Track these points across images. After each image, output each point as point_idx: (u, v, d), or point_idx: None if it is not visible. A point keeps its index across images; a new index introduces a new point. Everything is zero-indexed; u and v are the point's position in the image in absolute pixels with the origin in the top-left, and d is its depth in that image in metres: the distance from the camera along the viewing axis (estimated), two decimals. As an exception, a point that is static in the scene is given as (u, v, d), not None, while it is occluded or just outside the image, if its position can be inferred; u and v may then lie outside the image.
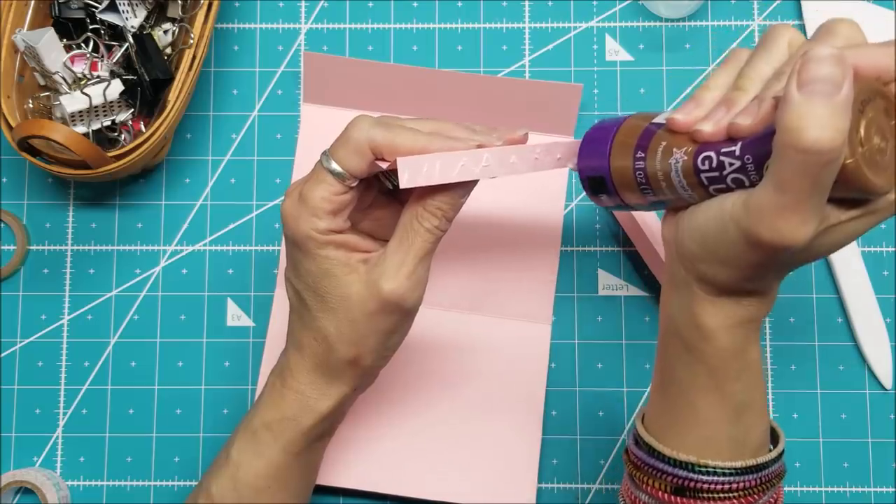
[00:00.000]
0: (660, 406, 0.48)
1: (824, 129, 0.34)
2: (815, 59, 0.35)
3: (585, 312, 0.65)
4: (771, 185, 0.37)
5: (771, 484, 0.46)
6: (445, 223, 0.49)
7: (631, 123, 0.46)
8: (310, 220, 0.48)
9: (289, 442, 0.52)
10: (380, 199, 0.52)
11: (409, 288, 0.48)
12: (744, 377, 0.45)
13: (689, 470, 0.45)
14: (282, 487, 0.53)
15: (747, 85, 0.42)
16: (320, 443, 0.55)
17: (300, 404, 0.52)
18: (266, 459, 0.52)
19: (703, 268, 0.43)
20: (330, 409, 0.52)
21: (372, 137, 0.47)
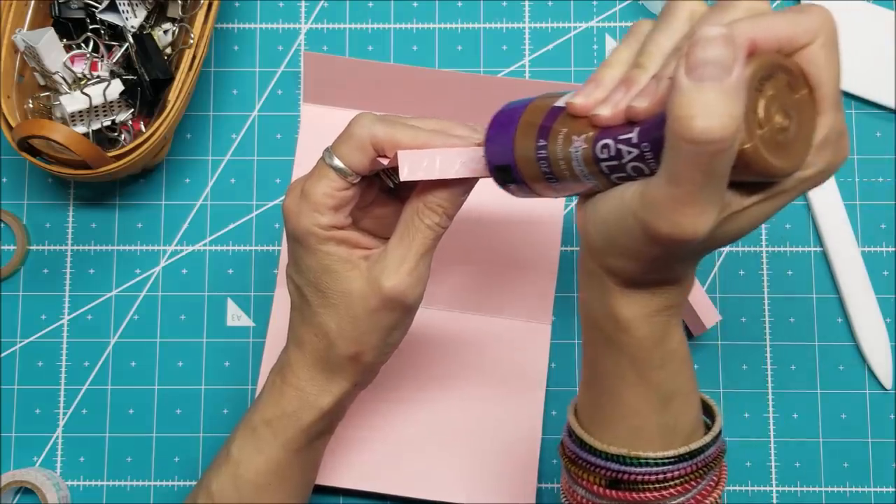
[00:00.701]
0: (588, 399, 0.46)
1: (714, 116, 0.32)
2: (702, 41, 0.33)
3: (585, 312, 0.65)
4: (664, 176, 0.35)
5: (708, 468, 0.45)
6: (446, 220, 0.49)
7: (535, 106, 0.42)
8: (311, 216, 0.48)
9: (289, 439, 0.52)
10: (381, 197, 0.52)
11: (410, 284, 0.48)
12: (667, 365, 0.43)
13: (622, 463, 0.44)
14: (282, 485, 0.53)
15: (647, 62, 0.38)
16: (320, 440, 0.54)
17: (300, 401, 0.52)
18: (266, 456, 0.52)
19: (610, 261, 0.41)
20: (330, 406, 0.52)
21: (374, 134, 0.47)
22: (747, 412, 0.64)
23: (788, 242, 0.66)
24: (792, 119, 0.36)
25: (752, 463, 0.64)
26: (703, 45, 0.33)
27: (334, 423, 0.55)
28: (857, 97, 0.67)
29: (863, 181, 0.66)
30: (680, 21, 0.38)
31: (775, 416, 0.64)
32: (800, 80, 0.36)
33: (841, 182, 0.66)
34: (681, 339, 0.44)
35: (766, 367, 0.64)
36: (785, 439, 0.64)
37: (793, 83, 0.36)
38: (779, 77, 0.35)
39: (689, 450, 0.44)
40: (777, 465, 0.64)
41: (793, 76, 0.36)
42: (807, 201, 0.66)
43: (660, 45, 0.38)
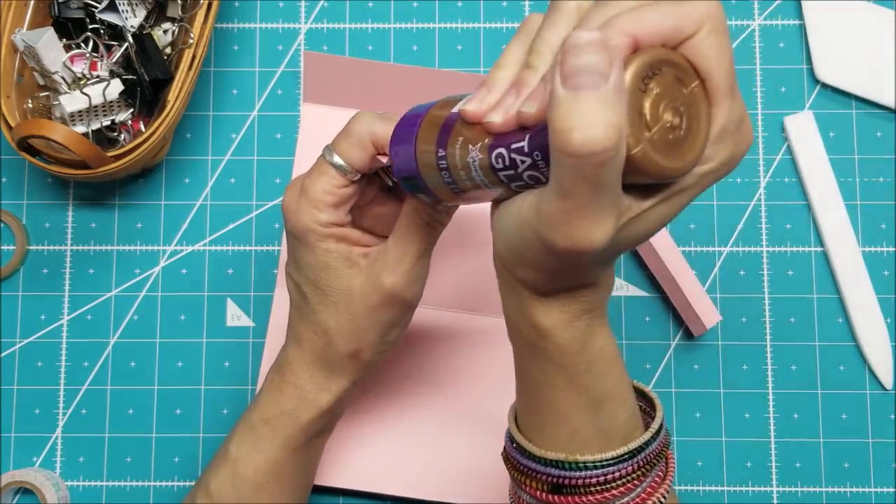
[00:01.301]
0: (524, 405, 0.45)
1: (594, 127, 0.30)
2: (574, 48, 0.31)
3: (585, 312, 0.65)
4: (554, 190, 0.33)
5: (651, 464, 0.44)
6: (446, 218, 0.49)
7: (433, 115, 0.40)
8: (311, 213, 0.48)
9: (288, 437, 0.52)
10: (380, 195, 0.52)
11: (409, 281, 0.49)
12: (594, 369, 0.42)
13: (561, 468, 0.43)
14: (281, 483, 0.53)
15: (536, 61, 0.36)
16: (319, 439, 0.54)
17: (299, 399, 0.52)
18: (265, 455, 0.52)
19: (518, 271, 0.39)
20: (329, 404, 0.52)
21: (374, 131, 0.47)
22: (747, 412, 0.64)
23: (788, 242, 0.66)
24: (683, 115, 0.34)
25: (753, 463, 0.64)
26: (576, 51, 0.31)
27: (333, 421, 0.55)
28: (857, 97, 0.67)
29: (863, 181, 0.66)
30: (567, 15, 0.36)
31: (776, 416, 0.64)
32: (689, 72, 0.34)
33: (841, 182, 0.66)
34: (606, 341, 0.42)
35: (766, 367, 0.64)
36: (785, 439, 0.64)
37: (682, 77, 0.34)
38: (665, 72, 0.33)
39: (627, 450, 0.43)
40: (777, 466, 0.64)
41: (681, 69, 0.34)
42: (807, 201, 0.66)
43: (548, 41, 0.36)
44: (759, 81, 0.67)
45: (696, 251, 0.66)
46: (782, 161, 0.66)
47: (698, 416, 0.64)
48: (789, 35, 0.67)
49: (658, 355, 0.65)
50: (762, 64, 0.67)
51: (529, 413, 0.45)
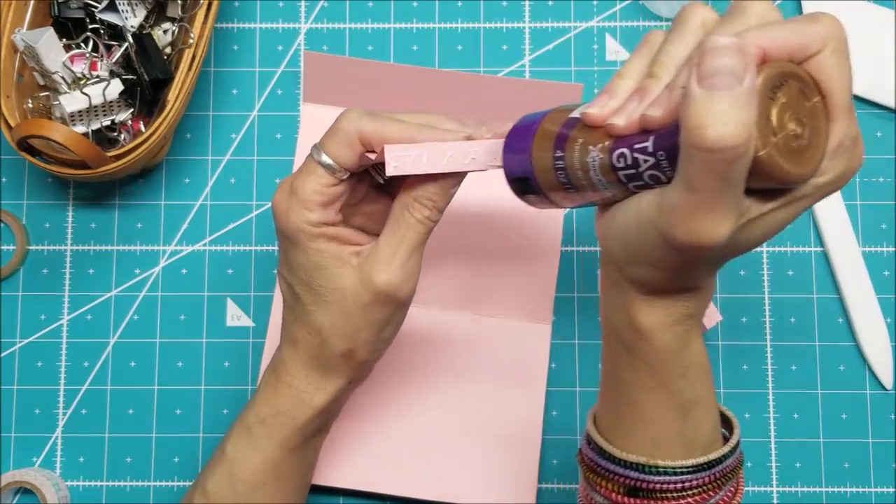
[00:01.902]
0: (608, 406, 0.47)
1: (727, 125, 0.33)
2: (712, 51, 0.33)
3: (585, 312, 0.65)
4: (681, 184, 0.35)
5: (726, 479, 0.45)
6: (436, 213, 0.49)
7: (550, 119, 0.43)
8: (301, 213, 0.48)
9: (284, 437, 0.52)
10: (371, 193, 0.53)
11: (402, 279, 0.48)
12: (688, 374, 0.43)
13: (641, 471, 0.44)
14: (278, 483, 0.53)
15: (660, 72, 0.39)
16: (316, 439, 0.54)
17: (295, 399, 0.52)
18: (262, 455, 0.52)
19: (631, 269, 0.41)
20: (325, 404, 0.52)
21: (361, 129, 0.47)
22: (747, 412, 0.64)
23: (788, 242, 0.66)
24: (805, 126, 0.36)
25: (753, 463, 0.64)
26: (714, 54, 0.33)
27: (329, 421, 0.55)
28: (857, 97, 0.67)
29: (863, 181, 0.66)
30: (692, 31, 0.39)
31: (776, 416, 0.64)
32: (811, 87, 0.37)
33: (841, 182, 0.66)
34: (700, 349, 0.44)
35: (766, 367, 0.64)
36: (785, 439, 0.64)
37: (805, 91, 0.36)
38: (791, 85, 0.36)
39: (707, 459, 0.44)
40: (777, 466, 0.64)
41: (804, 84, 0.36)
42: (807, 201, 0.66)
43: (672, 55, 0.39)
44: (759, 81, 0.67)
45: (696, 251, 0.65)
46: (782, 161, 0.66)
47: (698, 416, 0.64)
48: (789, 35, 0.67)
49: (658, 355, 0.65)
50: (762, 64, 0.67)
51: (613, 415, 0.46)
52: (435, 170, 0.47)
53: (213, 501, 0.52)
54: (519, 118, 0.46)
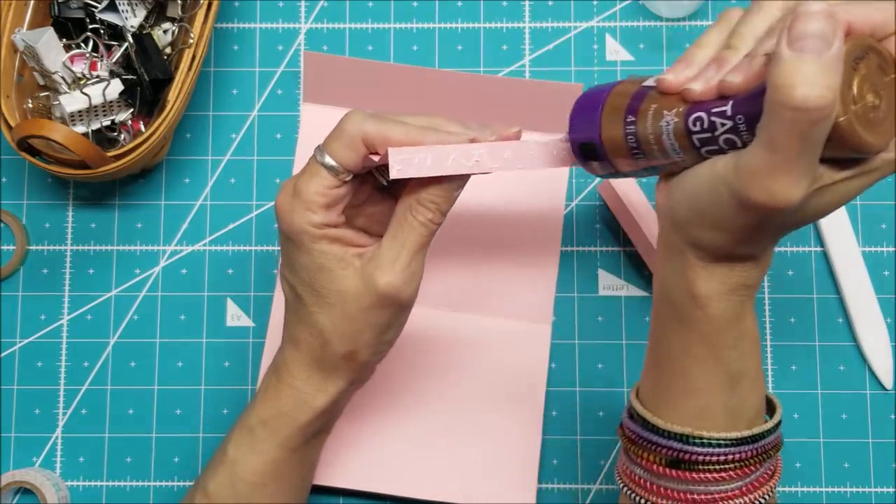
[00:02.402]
0: (654, 378, 0.48)
1: (814, 85, 0.34)
2: (804, 15, 0.35)
3: (585, 312, 0.65)
4: (761, 144, 0.37)
5: (767, 455, 0.46)
6: (440, 216, 0.49)
7: (621, 87, 0.45)
8: (304, 214, 0.48)
9: (285, 438, 0.52)
10: (374, 195, 0.53)
11: (404, 281, 0.48)
12: (739, 345, 0.44)
13: (684, 442, 0.45)
14: (279, 484, 0.53)
15: (739, 43, 0.41)
16: (317, 440, 0.54)
17: (296, 400, 0.52)
18: (263, 456, 0.52)
19: (696, 233, 0.42)
20: (326, 405, 0.52)
21: (365, 131, 0.47)
22: (747, 412, 0.64)
23: (788, 242, 0.66)
24: (882, 99, 0.38)
25: (753, 463, 0.64)
26: (806, 18, 0.35)
27: (331, 422, 0.55)
28: (857, 97, 0.67)
29: (863, 181, 0.66)
30: (772, 7, 0.41)
31: (775, 416, 0.64)
32: (890, 64, 0.38)
33: (841, 182, 0.66)
34: (753, 322, 0.45)
35: (766, 367, 0.64)
36: (785, 439, 0.64)
37: (883, 66, 0.38)
38: (871, 59, 0.37)
39: (751, 433, 0.45)
40: (777, 466, 0.64)
41: (883, 60, 0.38)
42: (807, 201, 0.66)
43: (752, 27, 0.41)
44: (759, 81, 0.67)
45: (696, 251, 0.66)
46: (782, 161, 0.66)
47: (698, 416, 0.64)
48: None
49: (658, 355, 0.65)
50: (762, 64, 0.67)
51: (659, 387, 0.47)
52: (439, 172, 0.47)
53: (214, 502, 0.52)
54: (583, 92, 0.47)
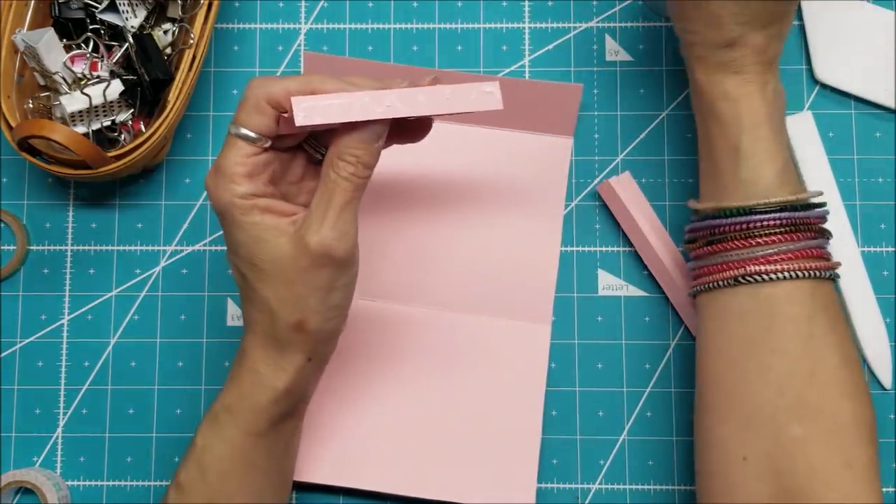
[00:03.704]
0: (702, 180, 0.56)
1: None
2: None
3: (585, 312, 0.65)
4: None
5: (795, 227, 0.52)
6: (362, 169, 0.49)
7: None
8: (227, 187, 0.48)
9: (249, 423, 0.52)
10: (311, 169, 0.53)
11: (334, 238, 0.48)
12: (742, 121, 0.53)
13: (712, 217, 0.53)
14: (249, 471, 0.52)
15: None
16: (285, 425, 0.54)
17: (256, 382, 0.51)
18: (229, 443, 0.52)
19: (678, 26, 0.54)
20: (287, 384, 0.51)
21: (269, 92, 0.48)
22: (747, 412, 0.64)
23: (788, 242, 0.66)
24: None
25: (752, 463, 0.64)
26: None
27: (298, 405, 0.54)
28: (856, 97, 0.67)
29: (863, 181, 0.66)
30: None
31: (775, 416, 0.64)
32: None
33: (841, 182, 0.66)
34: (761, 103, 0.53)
35: (766, 367, 0.64)
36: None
37: None
38: None
39: (766, 201, 0.52)
40: (777, 465, 0.63)
41: None
42: (807, 201, 0.66)
43: None
44: (759, 81, 0.67)
45: (695, 251, 0.66)
46: (782, 161, 0.66)
47: (698, 415, 0.64)
48: (789, 35, 0.67)
49: (658, 355, 0.65)
50: (762, 64, 0.67)
51: (704, 179, 0.56)
52: (348, 118, 0.47)
53: (186, 493, 0.52)
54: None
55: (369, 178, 0.49)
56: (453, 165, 0.66)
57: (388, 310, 0.65)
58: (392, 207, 0.66)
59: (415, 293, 0.65)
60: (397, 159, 0.66)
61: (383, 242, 0.65)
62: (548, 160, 0.66)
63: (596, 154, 0.67)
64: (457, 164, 0.66)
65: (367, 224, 0.65)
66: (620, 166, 0.66)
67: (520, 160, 0.66)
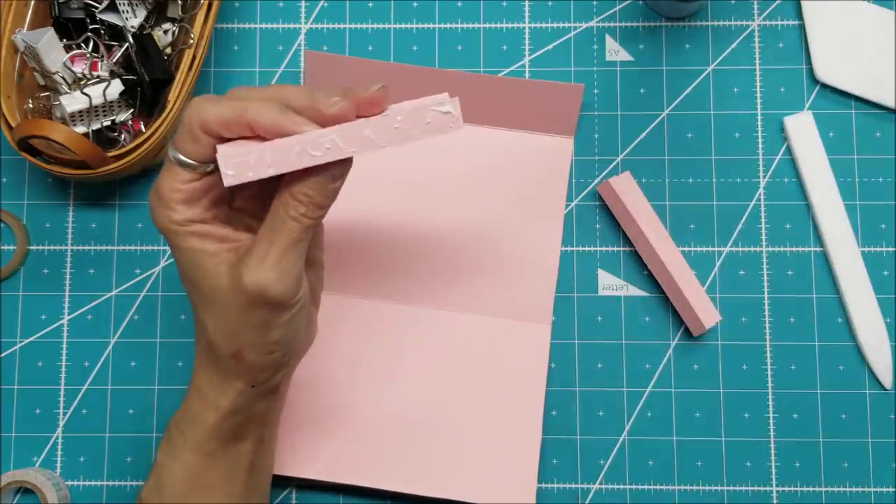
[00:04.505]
0: None
1: None
2: None
3: (585, 312, 0.65)
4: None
5: None
6: (314, 210, 0.45)
7: None
8: (163, 212, 0.46)
9: (198, 442, 0.50)
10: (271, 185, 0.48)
11: (273, 279, 0.45)
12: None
13: None
14: (204, 492, 0.51)
15: None
16: (238, 445, 0.51)
17: (202, 402, 0.50)
18: (181, 461, 0.50)
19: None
20: (230, 406, 0.49)
21: (203, 118, 0.44)
22: (747, 412, 0.64)
23: (788, 242, 0.66)
24: None
25: (752, 463, 0.64)
26: None
27: (247, 425, 0.51)
28: (856, 97, 0.67)
29: (863, 181, 0.66)
30: None
31: (775, 416, 0.64)
32: None
33: (841, 182, 0.66)
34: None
35: (766, 367, 0.64)
36: (785, 439, 0.64)
37: None
38: None
39: None
40: (777, 465, 0.64)
41: None
42: (807, 201, 0.66)
43: None
44: (759, 81, 0.67)
45: (695, 251, 0.66)
46: (782, 161, 0.66)
47: (698, 416, 0.64)
48: (789, 35, 0.67)
49: (658, 355, 0.65)
50: (762, 64, 0.67)
51: None
52: (285, 169, 0.42)
53: None
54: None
55: (322, 217, 0.46)
56: (453, 165, 0.66)
57: (388, 309, 0.65)
58: (392, 207, 0.66)
59: (415, 293, 0.65)
60: (397, 159, 0.66)
61: (383, 242, 0.65)
62: (548, 160, 0.66)
63: (596, 154, 0.67)
64: (457, 163, 0.66)
65: (366, 223, 0.65)
66: (620, 166, 0.66)
67: (520, 160, 0.66)
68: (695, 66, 0.67)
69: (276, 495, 0.64)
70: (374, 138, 0.43)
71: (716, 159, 0.66)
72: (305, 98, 0.44)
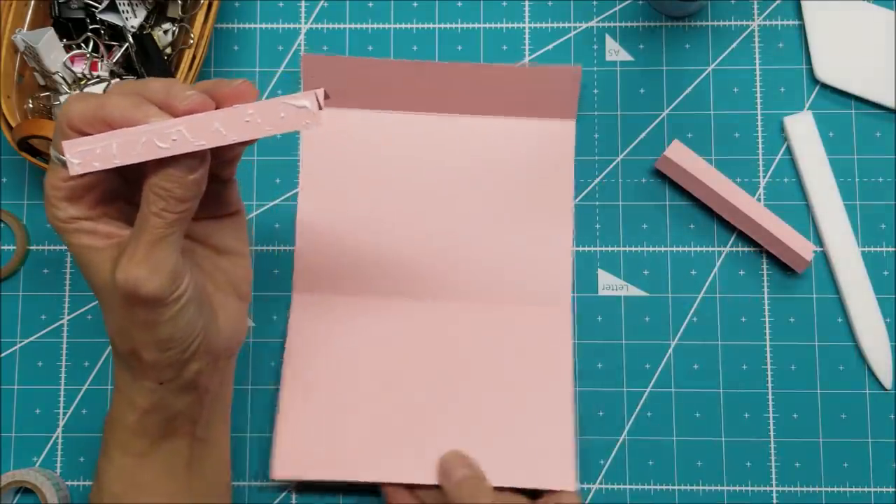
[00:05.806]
0: None
1: None
2: None
3: (585, 312, 0.65)
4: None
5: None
6: (176, 204, 0.44)
7: None
8: (49, 210, 0.46)
9: (125, 443, 0.49)
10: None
11: (143, 276, 0.44)
12: None
13: None
14: (140, 494, 0.50)
15: None
16: (170, 444, 0.50)
17: (121, 401, 0.49)
18: (113, 463, 0.50)
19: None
20: (147, 405, 0.48)
21: (69, 117, 0.43)
22: (747, 412, 0.64)
23: (788, 242, 0.66)
24: None
25: (752, 463, 0.64)
26: None
27: (174, 424, 0.50)
28: (856, 97, 0.67)
29: (863, 181, 0.66)
30: None
31: (775, 416, 0.64)
32: None
33: (840, 182, 0.66)
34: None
35: (766, 367, 0.64)
36: (785, 439, 0.64)
37: None
38: None
39: None
40: (777, 466, 0.64)
41: None
42: (807, 201, 0.66)
43: None
44: (759, 82, 0.67)
45: (695, 251, 0.66)
46: (782, 161, 0.66)
47: (698, 416, 0.64)
48: (789, 35, 0.67)
49: (658, 355, 0.65)
50: (762, 64, 0.67)
51: None
52: (131, 160, 0.42)
53: None
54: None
55: (188, 210, 0.44)
56: (457, 157, 0.66)
57: (407, 307, 0.64)
58: (401, 203, 0.65)
59: (432, 288, 0.65)
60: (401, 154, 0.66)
61: (395, 239, 0.65)
62: (552, 144, 0.66)
63: (596, 154, 0.67)
64: (462, 155, 0.66)
65: (374, 221, 0.65)
66: (620, 166, 0.66)
67: (524, 147, 0.66)
68: (695, 66, 0.67)
69: (277, 495, 0.64)
70: (223, 131, 0.42)
71: (716, 159, 0.66)
72: (162, 92, 0.44)
